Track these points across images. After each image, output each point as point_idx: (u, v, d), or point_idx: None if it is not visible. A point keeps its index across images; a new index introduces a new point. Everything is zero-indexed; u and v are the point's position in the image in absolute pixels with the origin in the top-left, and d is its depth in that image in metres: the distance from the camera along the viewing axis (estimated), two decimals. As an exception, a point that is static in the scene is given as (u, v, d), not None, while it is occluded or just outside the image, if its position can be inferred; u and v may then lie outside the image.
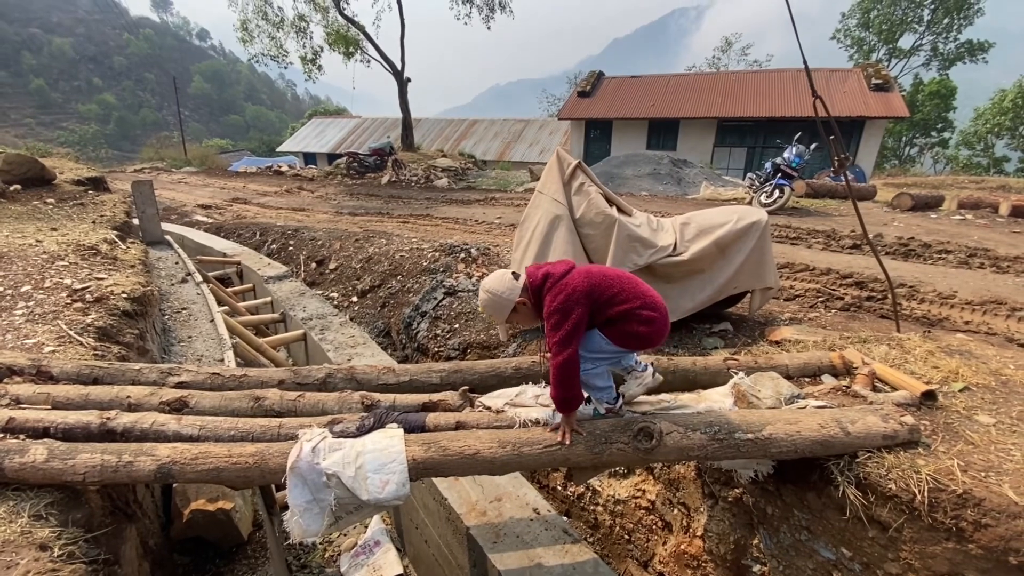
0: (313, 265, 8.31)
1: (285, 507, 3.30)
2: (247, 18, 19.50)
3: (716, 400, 2.14)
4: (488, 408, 2.10)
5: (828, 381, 2.40)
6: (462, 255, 7.00)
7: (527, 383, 2.30)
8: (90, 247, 4.06)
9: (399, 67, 19.78)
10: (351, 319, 6.14)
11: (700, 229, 4.27)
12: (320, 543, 3.35)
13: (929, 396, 2.16)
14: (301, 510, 1.74)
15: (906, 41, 33.32)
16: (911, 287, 5.30)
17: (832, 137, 3.00)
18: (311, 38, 19.98)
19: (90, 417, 1.91)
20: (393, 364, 2.46)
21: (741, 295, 4.50)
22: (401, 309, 6.27)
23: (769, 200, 9.44)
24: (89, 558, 1.65)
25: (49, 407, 2.01)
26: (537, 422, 2.01)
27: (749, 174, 10.91)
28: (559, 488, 3.53)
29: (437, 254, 7.15)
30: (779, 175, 9.51)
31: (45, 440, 1.78)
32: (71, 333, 2.62)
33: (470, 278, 6.33)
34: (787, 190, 9.38)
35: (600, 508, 3.19)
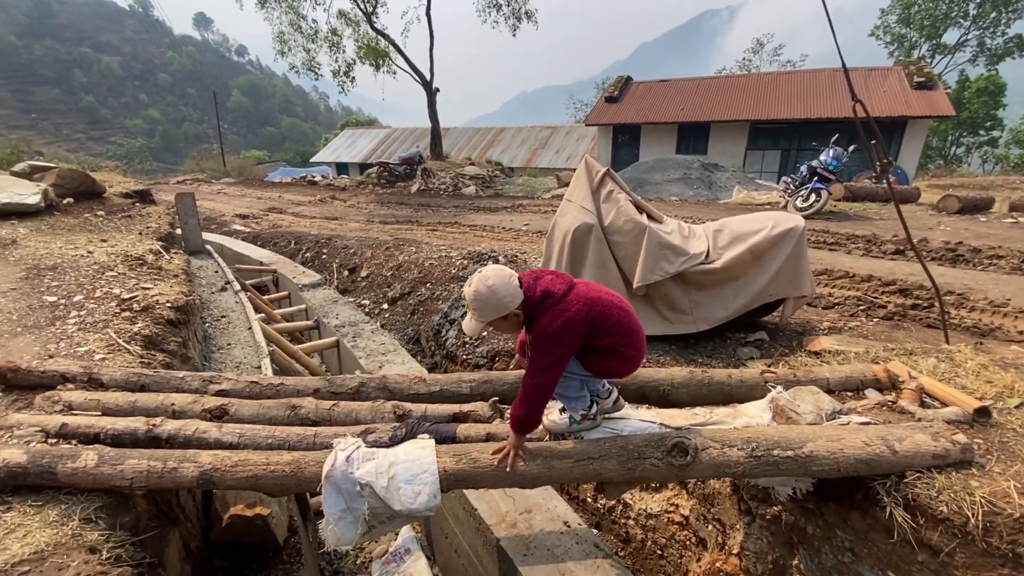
0: (345, 273, 8.48)
1: (319, 513, 3.36)
2: (283, 31, 20.19)
3: (753, 415, 2.07)
4: (518, 420, 2.09)
5: (872, 396, 2.30)
6: (489, 262, 7.04)
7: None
8: (137, 257, 4.26)
9: (428, 78, 20.11)
10: (382, 326, 6.24)
11: (734, 236, 4.18)
12: (352, 549, 3.39)
13: (982, 413, 2.05)
14: (336, 518, 1.77)
15: (950, 36, 31.94)
16: (960, 295, 5.04)
17: (874, 141, 2.89)
18: (343, 51, 20.55)
19: (137, 424, 2.00)
20: (424, 374, 2.48)
21: (776, 303, 4.38)
22: (430, 316, 6.33)
23: (805, 204, 9.17)
24: (135, 561, 1.71)
25: (99, 413, 2.10)
26: (568, 434, 1.99)
27: (784, 178, 10.62)
28: (589, 500, 3.48)
29: (465, 261, 7.20)
30: (815, 178, 9.24)
31: (95, 446, 1.87)
32: (120, 341, 2.75)
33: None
34: (824, 194, 9.10)
35: (631, 522, 3.13)
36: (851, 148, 9.42)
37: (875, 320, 4.81)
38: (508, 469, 1.78)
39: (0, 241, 4.48)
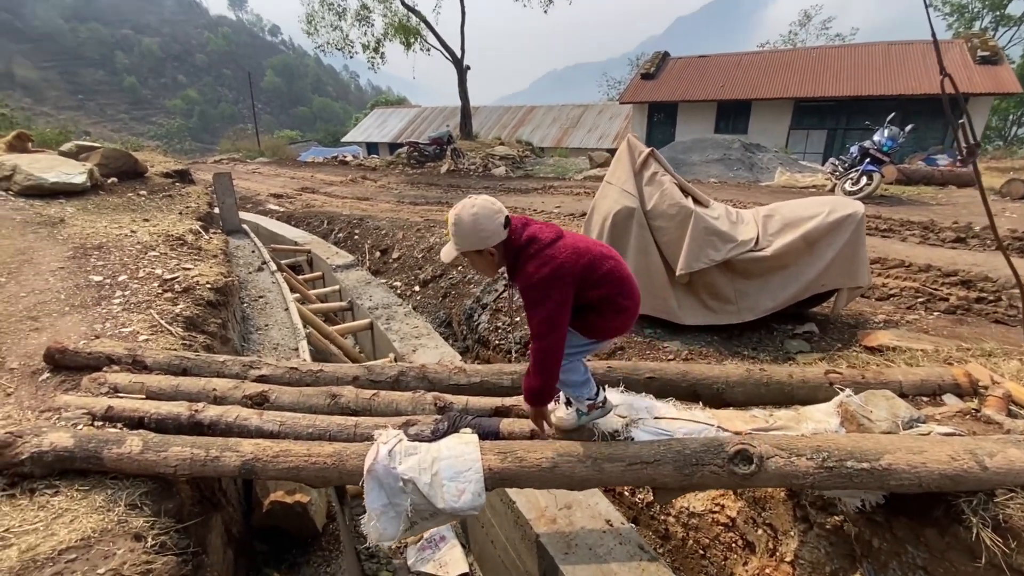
0: (377, 254, 8.50)
1: (355, 496, 3.37)
2: (313, 10, 20.15)
3: (819, 420, 1.92)
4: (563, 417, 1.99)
5: (952, 403, 2.11)
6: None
7: (603, 386, 2.17)
8: (177, 237, 4.30)
9: (459, 55, 19.81)
10: (413, 308, 6.22)
11: (786, 222, 3.94)
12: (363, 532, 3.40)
13: (1083, 426, 1.84)
14: (378, 514, 1.72)
15: (1016, 7, 29.50)
16: (1034, 288, 4.66)
17: (962, 121, 2.61)
18: (372, 26, 20.38)
19: (180, 409, 1.98)
20: (463, 364, 2.40)
21: (827, 294, 4.13)
22: (462, 300, 6.27)
23: (855, 188, 8.66)
24: (180, 548, 1.70)
25: (144, 397, 2.10)
26: (616, 434, 1.89)
27: (831, 159, 10.06)
28: (626, 493, 3.39)
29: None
30: (867, 160, 8.69)
31: (140, 431, 1.86)
32: (163, 323, 2.76)
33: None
34: (876, 176, 8.56)
35: (672, 519, 3.02)
36: (908, 128, 8.82)
37: (935, 314, 4.50)
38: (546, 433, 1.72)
39: (49, 220, 4.60)
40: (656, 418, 1.94)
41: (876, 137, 8.74)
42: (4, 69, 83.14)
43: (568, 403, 1.94)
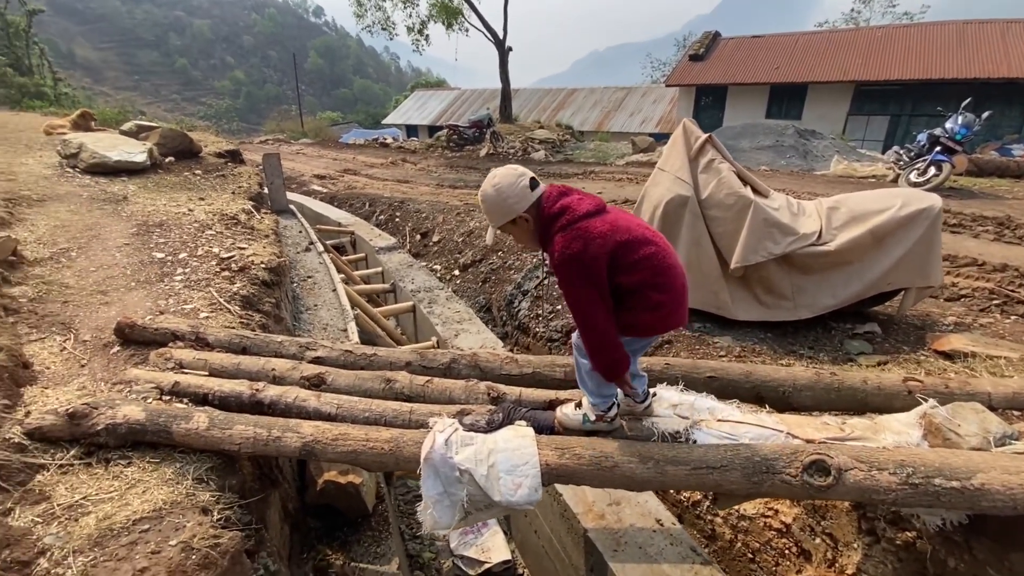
0: (418, 237, 8.56)
1: (400, 478, 3.43)
2: (361, -9, 20.18)
3: (898, 431, 1.79)
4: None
5: (1048, 418, 1.94)
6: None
7: (661, 384, 2.10)
8: (232, 216, 4.42)
9: (501, 36, 19.51)
10: (453, 292, 6.24)
11: (852, 215, 3.71)
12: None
13: None
14: (433, 502, 1.72)
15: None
16: None
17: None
18: (417, 6, 20.26)
19: (242, 387, 2.03)
20: (514, 354, 2.37)
21: (892, 293, 3.89)
22: (502, 286, 6.25)
23: (921, 179, 8.11)
24: (243, 523, 1.75)
25: (207, 373, 2.17)
26: (676, 435, 1.82)
27: (894, 147, 9.45)
28: (671, 491, 3.32)
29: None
30: (937, 149, 8.11)
31: (206, 408, 1.91)
32: (221, 301, 2.84)
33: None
34: (946, 167, 7.98)
35: (719, 520, 2.94)
36: (985, 115, 8.16)
37: (1012, 318, 4.18)
38: None
39: (113, 197, 4.80)
40: (719, 420, 1.86)
41: (948, 124, 8.12)
42: (66, 49, 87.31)
43: (578, 404, 1.87)
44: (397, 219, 9.44)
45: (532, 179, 1.59)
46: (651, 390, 1.96)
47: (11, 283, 2.82)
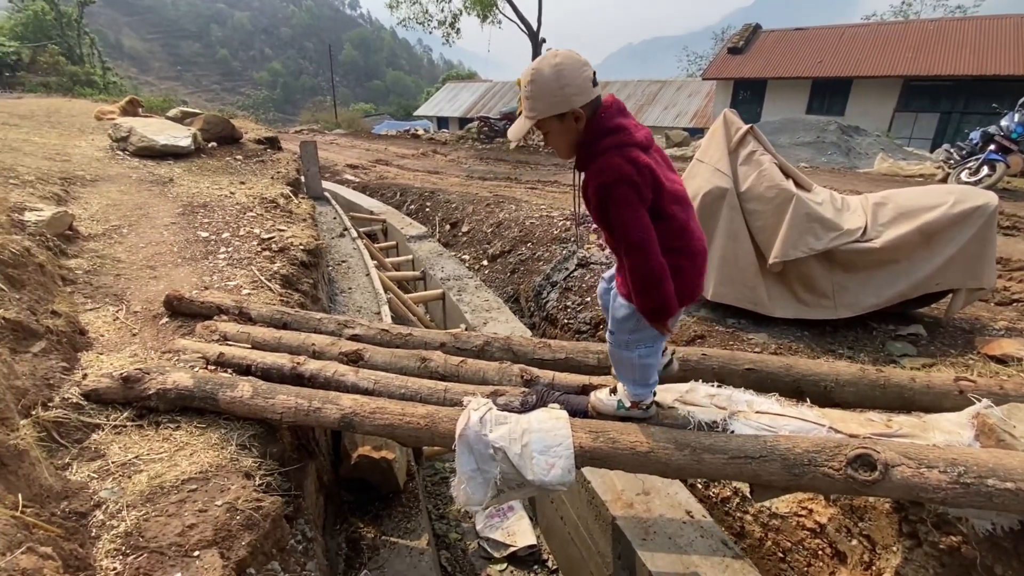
0: (447, 227, 8.62)
1: (430, 458, 3.48)
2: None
3: (948, 431, 1.72)
4: (655, 402, 1.91)
5: (1114, 425, 1.83)
6: (594, 225, 6.74)
7: (696, 380, 2.07)
8: (271, 200, 4.54)
9: (535, 27, 19.40)
10: (482, 281, 6.27)
11: (900, 211, 3.56)
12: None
13: None
14: (467, 478, 1.74)
15: None
16: None
17: None
18: (450, 1, 20.35)
19: (283, 360, 2.09)
20: (547, 339, 2.36)
21: (940, 294, 3.73)
22: (531, 277, 6.25)
23: (973, 178, 7.73)
24: (282, 490, 1.81)
25: (250, 346, 2.24)
26: (714, 424, 1.79)
27: (945, 146, 9.03)
28: (699, 485, 3.28)
29: (568, 223, 6.98)
30: (991, 147, 7.71)
31: (249, 378, 1.98)
32: (262, 279, 2.93)
33: (603, 250, 6.10)
34: (1000, 166, 7.59)
35: (749, 517, 2.88)
36: (1046, 112, 7.71)
37: (1070, 325, 3.95)
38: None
39: (160, 179, 4.99)
40: (758, 412, 1.82)
41: (1004, 122, 7.72)
42: (114, 40, 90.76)
43: (612, 391, 1.81)
44: (427, 209, 9.53)
45: (595, 74, 1.38)
46: (700, 384, 1.94)
47: (68, 256, 2.96)
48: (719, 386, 2.04)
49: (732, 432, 1.75)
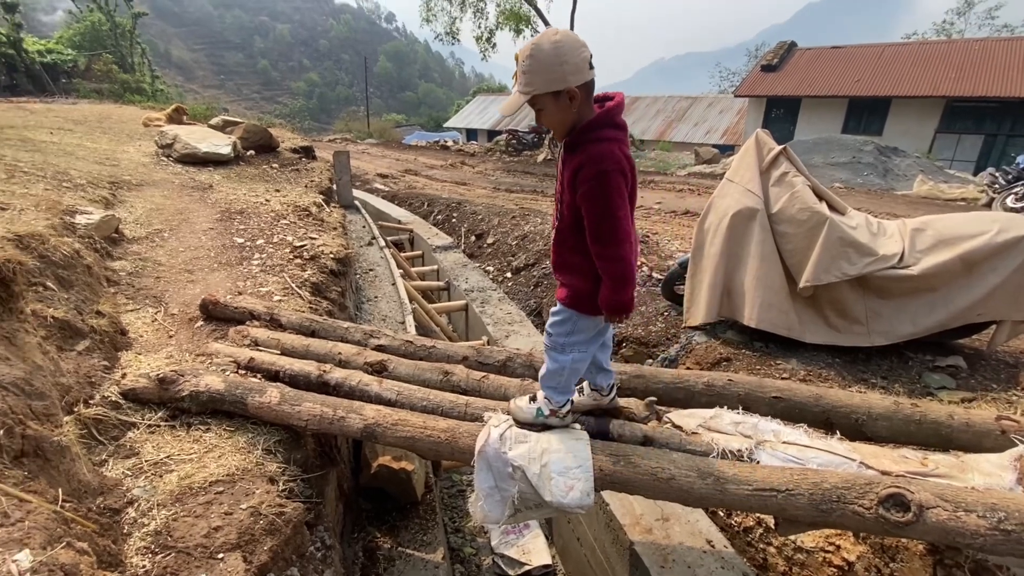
0: (473, 238, 8.70)
1: (447, 470, 3.49)
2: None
3: (988, 472, 1.65)
4: (679, 428, 1.89)
5: None
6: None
7: (721, 406, 2.03)
8: (304, 208, 4.66)
9: (566, 43, 19.55)
10: (505, 294, 6.30)
11: (940, 238, 3.45)
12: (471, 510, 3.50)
13: None
14: (485, 495, 1.74)
15: None
16: None
17: None
18: (487, 18, 20.70)
19: (310, 368, 2.14)
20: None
21: (981, 325, 3.59)
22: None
23: (1020, 204, 7.44)
24: (304, 496, 1.84)
25: (279, 352, 2.30)
26: (740, 454, 1.75)
27: (989, 168, 8.72)
28: (720, 513, 3.19)
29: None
30: (1040, 173, 7.43)
31: (277, 384, 2.03)
32: (293, 286, 3.01)
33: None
34: (1050, 193, 7.30)
35: (773, 549, 2.79)
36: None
37: (1124, 363, 3.74)
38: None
39: (200, 185, 5.19)
40: (785, 443, 1.77)
41: (1056, 146, 7.42)
42: (163, 50, 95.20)
43: (532, 398, 1.82)
44: (454, 219, 9.64)
45: (591, 57, 1.41)
46: (726, 411, 1.93)
47: (113, 257, 3.10)
48: (745, 413, 2.00)
49: (757, 462, 1.72)
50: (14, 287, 1.66)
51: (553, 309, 1.71)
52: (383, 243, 5.91)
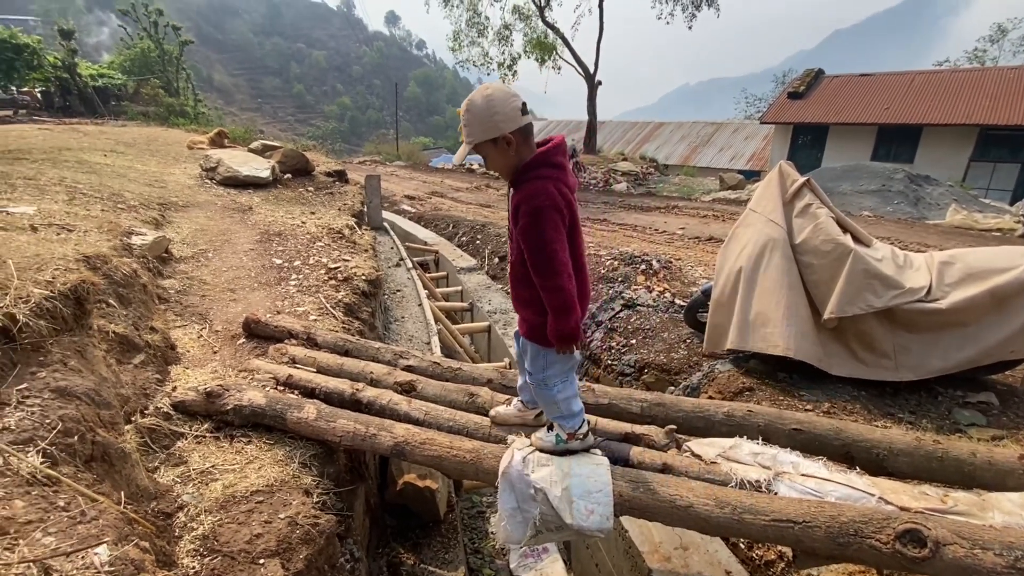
0: (496, 260, 8.85)
1: (468, 491, 3.55)
2: (460, 28, 21.63)
3: (1010, 511, 1.65)
4: (698, 457, 1.94)
5: None
6: (642, 266, 6.76)
7: (741, 436, 2.07)
8: (337, 231, 4.88)
9: (592, 70, 19.95)
10: (528, 317, 6.38)
11: (969, 272, 3.43)
12: (493, 531, 3.54)
13: None
14: (507, 516, 1.81)
15: None
16: None
17: None
18: (512, 45, 21.33)
19: (344, 386, 2.26)
20: (590, 383, 2.43)
21: (1015, 362, 3.51)
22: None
23: (1059, 236, 7.24)
24: (336, 509, 1.94)
25: (315, 370, 2.43)
26: (758, 484, 1.79)
27: (1026, 200, 8.50)
28: (741, 544, 3.16)
29: (615, 263, 7.02)
30: (1080, 205, 7.22)
31: (314, 400, 2.16)
32: (328, 306, 3.17)
33: (650, 292, 6.09)
34: (1090, 225, 7.08)
35: (795, 584, 2.76)
36: None
37: None
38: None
39: (241, 207, 5.47)
40: (804, 475, 1.80)
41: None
42: (206, 75, 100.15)
43: (550, 427, 1.89)
44: (478, 241, 9.82)
45: (524, 105, 1.56)
46: (745, 441, 1.98)
47: (163, 276, 3.32)
48: (765, 444, 2.03)
49: (776, 493, 1.75)
50: (87, 305, 1.84)
51: (522, 345, 1.86)
52: (410, 264, 6.10)
